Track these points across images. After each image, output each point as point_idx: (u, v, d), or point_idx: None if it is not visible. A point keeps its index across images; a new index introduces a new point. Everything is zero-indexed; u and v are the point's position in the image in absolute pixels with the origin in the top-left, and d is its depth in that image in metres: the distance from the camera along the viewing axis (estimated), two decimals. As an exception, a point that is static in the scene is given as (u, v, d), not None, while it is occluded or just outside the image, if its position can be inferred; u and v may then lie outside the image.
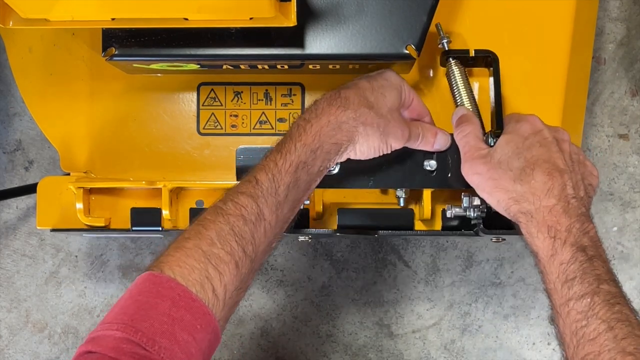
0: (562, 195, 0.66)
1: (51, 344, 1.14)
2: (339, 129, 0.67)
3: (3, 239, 1.14)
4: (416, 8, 0.75)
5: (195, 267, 0.59)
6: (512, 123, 0.73)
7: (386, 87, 0.72)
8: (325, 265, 1.13)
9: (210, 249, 0.60)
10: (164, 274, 0.58)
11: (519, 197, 0.67)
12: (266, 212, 0.63)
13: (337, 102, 0.68)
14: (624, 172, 1.13)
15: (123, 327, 0.56)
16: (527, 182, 0.67)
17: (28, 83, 0.90)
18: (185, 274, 0.58)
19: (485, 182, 0.70)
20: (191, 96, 0.88)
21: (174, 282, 0.58)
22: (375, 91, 0.71)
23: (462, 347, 1.13)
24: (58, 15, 0.65)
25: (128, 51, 0.76)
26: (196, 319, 0.57)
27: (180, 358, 0.56)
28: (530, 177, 0.67)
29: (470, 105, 0.79)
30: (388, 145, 0.71)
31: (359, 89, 0.70)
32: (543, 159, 0.68)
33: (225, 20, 0.68)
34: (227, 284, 0.60)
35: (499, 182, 0.68)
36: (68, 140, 0.89)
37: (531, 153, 0.68)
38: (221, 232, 0.61)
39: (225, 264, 0.60)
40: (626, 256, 1.12)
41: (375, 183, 0.77)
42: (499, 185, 0.68)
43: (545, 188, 0.66)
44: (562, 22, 0.85)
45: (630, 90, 1.13)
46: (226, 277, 0.60)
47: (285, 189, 0.64)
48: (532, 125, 0.71)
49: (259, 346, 1.13)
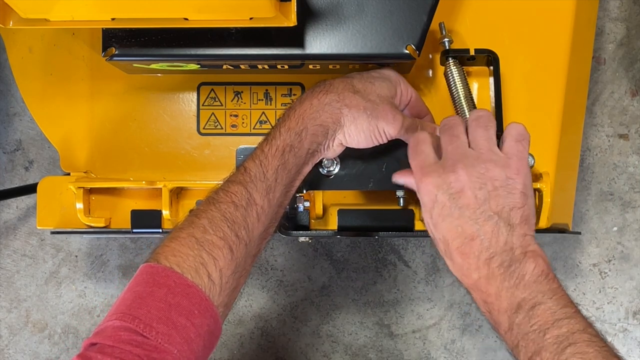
0: (481, 263, 0.63)
1: (51, 344, 1.14)
2: (322, 111, 0.68)
3: (3, 239, 1.14)
4: (416, 8, 0.75)
5: (189, 254, 0.60)
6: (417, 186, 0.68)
7: (377, 78, 0.72)
8: (325, 265, 1.13)
9: (203, 236, 0.61)
10: (160, 264, 0.59)
11: (460, 280, 0.66)
12: (257, 196, 0.64)
13: (321, 87, 0.70)
14: (624, 172, 1.13)
15: (121, 317, 0.57)
16: (453, 269, 0.66)
17: (28, 83, 0.90)
18: (180, 262, 0.59)
19: None
20: (191, 96, 0.88)
21: (169, 271, 0.59)
22: (364, 80, 0.72)
23: (462, 347, 1.13)
24: (58, 15, 0.65)
25: (128, 51, 0.76)
26: (193, 304, 0.58)
27: (179, 342, 0.57)
28: (453, 264, 0.65)
29: (467, 105, 0.79)
30: (380, 130, 0.70)
31: (346, 78, 0.72)
32: (452, 235, 0.64)
33: (225, 20, 0.68)
34: (223, 268, 0.61)
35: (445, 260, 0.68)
36: (68, 140, 0.89)
37: (441, 234, 0.65)
38: (213, 219, 0.62)
39: (218, 249, 0.61)
40: (626, 256, 1.13)
41: (375, 185, 0.77)
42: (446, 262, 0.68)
43: (465, 271, 0.64)
44: (562, 22, 0.85)
45: (630, 90, 1.13)
46: (220, 261, 0.60)
47: (273, 172, 0.66)
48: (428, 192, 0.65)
49: (259, 346, 1.13)
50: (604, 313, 1.12)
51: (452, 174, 0.64)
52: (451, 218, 0.64)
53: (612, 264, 1.12)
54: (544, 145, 0.85)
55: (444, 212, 0.64)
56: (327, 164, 0.76)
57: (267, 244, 0.70)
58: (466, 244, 0.63)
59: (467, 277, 0.65)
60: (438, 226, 0.65)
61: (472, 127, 0.67)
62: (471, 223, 0.63)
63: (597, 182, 1.13)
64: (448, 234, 0.64)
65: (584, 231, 1.12)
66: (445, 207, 0.64)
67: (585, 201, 1.12)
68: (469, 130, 0.67)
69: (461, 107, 0.79)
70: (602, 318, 1.12)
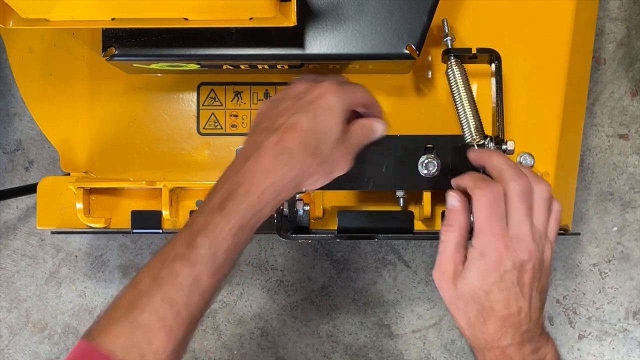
0: (516, 335, 0.64)
1: (51, 344, 1.14)
2: (284, 190, 0.64)
3: (3, 239, 1.14)
4: (416, 8, 0.75)
5: (123, 334, 0.58)
6: (478, 245, 0.65)
7: (327, 118, 0.65)
8: (325, 265, 1.13)
9: (141, 316, 0.59)
10: (92, 343, 0.58)
11: (472, 337, 0.66)
12: (203, 277, 0.61)
13: (282, 158, 0.63)
14: (624, 172, 1.13)
15: None
16: (479, 328, 0.65)
17: (28, 83, 0.90)
18: (114, 341, 0.58)
19: (448, 301, 0.68)
20: (191, 96, 0.89)
21: (101, 352, 0.58)
22: (316, 131, 0.65)
23: (462, 347, 1.13)
24: (58, 15, 0.65)
25: (128, 51, 0.76)
26: None
27: None
28: (484, 325, 0.65)
29: (468, 104, 0.79)
30: (332, 178, 0.68)
31: (301, 133, 0.64)
32: (501, 306, 0.64)
33: (225, 20, 0.68)
34: (159, 349, 0.59)
35: (455, 313, 0.67)
36: (68, 140, 0.89)
37: (488, 298, 0.64)
38: (152, 300, 0.59)
39: (155, 331, 0.59)
40: (626, 256, 1.12)
41: (375, 185, 0.77)
42: (455, 315, 0.67)
43: (498, 335, 0.64)
44: (562, 22, 0.85)
45: (630, 90, 1.13)
46: (156, 343, 0.59)
47: (224, 252, 0.61)
48: (494, 261, 0.64)
49: (259, 346, 1.13)
50: (604, 313, 1.12)
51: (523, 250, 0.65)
52: (507, 293, 0.64)
53: (612, 264, 1.12)
54: (544, 145, 0.85)
55: (505, 286, 0.64)
56: None
57: (267, 244, 0.69)
58: (508, 319, 0.64)
59: (493, 342, 0.65)
60: (488, 295, 0.64)
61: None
62: (521, 303, 0.64)
63: (597, 182, 1.13)
64: (496, 304, 0.64)
65: (584, 231, 1.12)
66: (507, 283, 0.64)
67: (585, 201, 1.12)
68: None
69: (462, 107, 0.79)
70: (602, 318, 1.12)
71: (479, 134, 0.77)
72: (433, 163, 0.76)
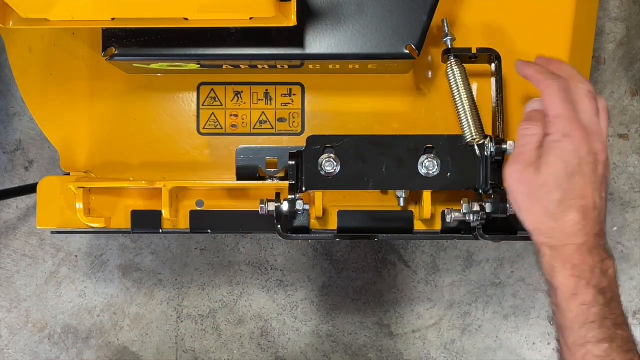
0: (591, 233, 0.65)
1: (51, 344, 1.14)
2: None
3: (3, 239, 1.14)
4: (416, 8, 0.75)
5: None
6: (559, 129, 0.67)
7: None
8: (325, 265, 1.13)
9: None
10: None
11: (547, 231, 0.66)
12: None
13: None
14: (624, 172, 1.13)
15: None
16: (559, 220, 0.66)
17: (28, 83, 0.90)
18: None
19: (522, 197, 0.68)
20: (191, 96, 0.88)
21: None
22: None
23: (462, 347, 1.13)
24: (58, 15, 0.65)
25: (128, 51, 0.76)
26: None
27: None
28: (564, 216, 0.65)
29: (468, 104, 0.79)
30: None
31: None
32: (580, 195, 0.66)
33: (225, 20, 0.68)
34: None
35: (532, 206, 0.67)
36: (68, 140, 0.89)
37: (571, 185, 0.66)
38: None
39: None
40: (626, 256, 1.13)
41: (375, 185, 0.77)
42: (531, 209, 0.67)
43: (576, 228, 0.65)
44: (562, 22, 0.85)
45: (630, 90, 1.13)
46: None
47: None
48: (576, 144, 0.66)
49: (259, 346, 1.13)
50: (604, 313, 1.12)
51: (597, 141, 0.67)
52: (586, 180, 0.66)
53: (612, 264, 1.12)
54: (544, 145, 0.85)
55: (585, 171, 0.66)
56: (327, 165, 0.76)
57: (267, 244, 0.69)
58: (589, 210, 0.66)
59: (570, 237, 0.65)
60: (571, 179, 0.66)
61: None
62: (598, 198, 0.66)
63: (597, 182, 1.13)
64: (578, 191, 0.66)
65: (584, 231, 1.12)
66: (587, 168, 0.66)
67: (585, 201, 1.12)
68: None
69: (462, 107, 0.79)
70: (602, 318, 1.12)
71: (479, 133, 0.77)
72: (433, 163, 0.76)
